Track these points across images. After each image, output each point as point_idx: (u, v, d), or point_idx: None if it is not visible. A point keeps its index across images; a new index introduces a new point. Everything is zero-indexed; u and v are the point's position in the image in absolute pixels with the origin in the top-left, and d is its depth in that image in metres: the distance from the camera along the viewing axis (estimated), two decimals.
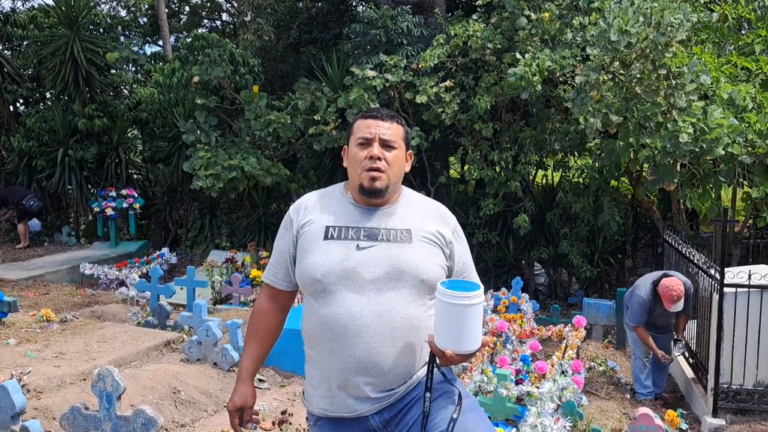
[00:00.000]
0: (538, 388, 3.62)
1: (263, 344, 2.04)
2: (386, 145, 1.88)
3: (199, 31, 17.32)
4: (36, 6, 11.33)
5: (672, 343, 5.10)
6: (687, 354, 5.24)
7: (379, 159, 1.85)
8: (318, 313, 1.86)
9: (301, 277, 1.90)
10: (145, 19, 17.74)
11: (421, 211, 1.96)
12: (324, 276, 1.83)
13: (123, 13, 17.91)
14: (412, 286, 1.84)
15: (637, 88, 5.96)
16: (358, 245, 1.85)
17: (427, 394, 1.81)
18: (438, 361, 1.79)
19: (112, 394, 2.97)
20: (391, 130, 1.90)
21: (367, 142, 1.88)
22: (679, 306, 4.72)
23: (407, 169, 1.97)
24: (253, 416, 2.04)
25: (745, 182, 6.71)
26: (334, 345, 1.82)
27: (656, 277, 4.75)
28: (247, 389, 2.00)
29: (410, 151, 1.99)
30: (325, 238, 1.87)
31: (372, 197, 1.88)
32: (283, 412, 3.75)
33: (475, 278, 2.01)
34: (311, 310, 1.89)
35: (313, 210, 1.94)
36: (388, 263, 1.83)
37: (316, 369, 1.90)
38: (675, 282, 4.53)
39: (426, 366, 1.86)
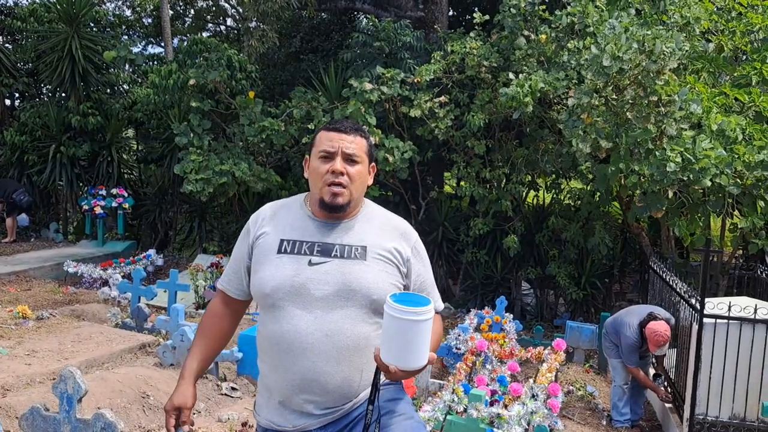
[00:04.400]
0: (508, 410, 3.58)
1: (211, 345, 2.00)
2: (349, 159, 1.84)
3: (204, 35, 17.39)
4: (38, 0, 11.30)
5: (652, 377, 5.07)
6: (666, 383, 5.21)
7: (342, 174, 1.82)
8: (266, 327, 1.85)
9: (254, 290, 1.89)
10: (149, 20, 17.76)
11: (379, 227, 1.91)
12: (273, 291, 1.81)
13: (128, 12, 17.94)
14: (362, 305, 1.81)
15: (628, 113, 5.96)
16: (310, 261, 1.82)
17: (370, 407, 1.77)
18: (383, 376, 1.74)
19: (73, 397, 2.93)
20: (355, 143, 1.86)
21: (329, 156, 1.84)
22: (664, 350, 4.71)
23: (370, 182, 1.94)
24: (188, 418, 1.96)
25: (735, 212, 6.69)
26: (280, 361, 1.81)
27: (642, 316, 4.71)
28: (189, 389, 1.92)
29: (373, 163, 1.95)
30: (279, 251, 1.84)
31: (333, 212, 1.85)
32: (244, 424, 3.70)
33: (435, 296, 1.96)
34: (262, 323, 1.89)
35: (270, 221, 1.92)
36: (338, 281, 1.80)
37: (263, 383, 1.91)
38: (663, 327, 4.52)
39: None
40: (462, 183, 8.04)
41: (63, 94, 10.29)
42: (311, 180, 1.88)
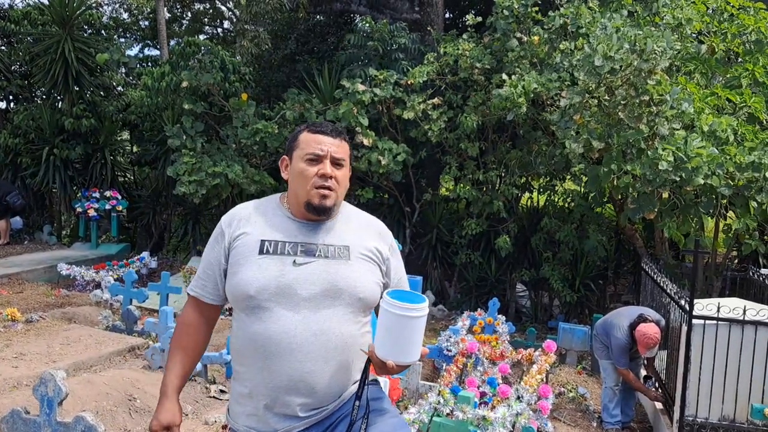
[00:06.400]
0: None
1: (190, 359, 1.94)
2: (336, 163, 1.87)
3: (201, 37, 17.38)
4: (32, 3, 11.28)
5: (643, 379, 5.05)
6: (657, 384, 5.19)
7: (330, 178, 1.84)
8: (249, 329, 1.81)
9: (233, 292, 1.84)
10: (146, 23, 17.75)
11: (359, 227, 1.94)
12: (258, 292, 1.78)
13: (125, 15, 17.95)
14: (348, 305, 1.82)
15: (620, 114, 5.95)
16: (294, 261, 1.81)
17: (357, 403, 1.79)
18: (374, 372, 1.78)
19: (54, 399, 2.90)
20: (341, 148, 1.89)
21: (318, 159, 1.85)
22: (654, 352, 4.68)
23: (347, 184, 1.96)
24: None
25: (730, 214, 6.67)
26: (265, 363, 1.78)
27: (632, 318, 4.69)
28: (175, 406, 1.89)
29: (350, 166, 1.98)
30: (260, 252, 1.82)
31: (320, 215, 1.85)
32: (224, 427, 3.67)
33: None
34: (242, 325, 1.84)
35: (247, 222, 1.89)
36: (325, 280, 1.80)
37: (243, 386, 1.85)
38: (652, 329, 4.49)
39: (356, 383, 1.85)
40: (460, 185, 8.01)
41: (57, 97, 10.25)
42: (296, 182, 1.87)
